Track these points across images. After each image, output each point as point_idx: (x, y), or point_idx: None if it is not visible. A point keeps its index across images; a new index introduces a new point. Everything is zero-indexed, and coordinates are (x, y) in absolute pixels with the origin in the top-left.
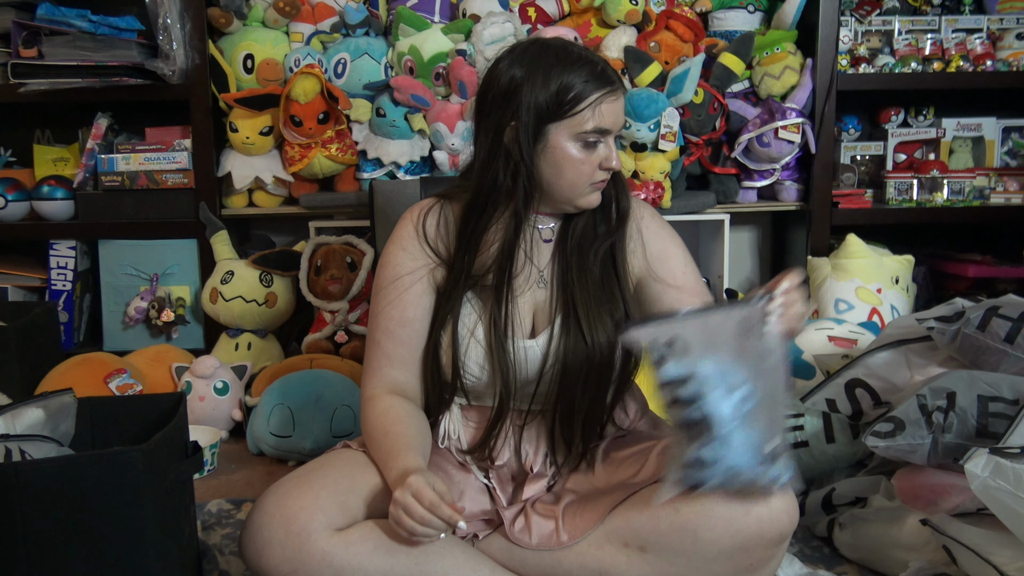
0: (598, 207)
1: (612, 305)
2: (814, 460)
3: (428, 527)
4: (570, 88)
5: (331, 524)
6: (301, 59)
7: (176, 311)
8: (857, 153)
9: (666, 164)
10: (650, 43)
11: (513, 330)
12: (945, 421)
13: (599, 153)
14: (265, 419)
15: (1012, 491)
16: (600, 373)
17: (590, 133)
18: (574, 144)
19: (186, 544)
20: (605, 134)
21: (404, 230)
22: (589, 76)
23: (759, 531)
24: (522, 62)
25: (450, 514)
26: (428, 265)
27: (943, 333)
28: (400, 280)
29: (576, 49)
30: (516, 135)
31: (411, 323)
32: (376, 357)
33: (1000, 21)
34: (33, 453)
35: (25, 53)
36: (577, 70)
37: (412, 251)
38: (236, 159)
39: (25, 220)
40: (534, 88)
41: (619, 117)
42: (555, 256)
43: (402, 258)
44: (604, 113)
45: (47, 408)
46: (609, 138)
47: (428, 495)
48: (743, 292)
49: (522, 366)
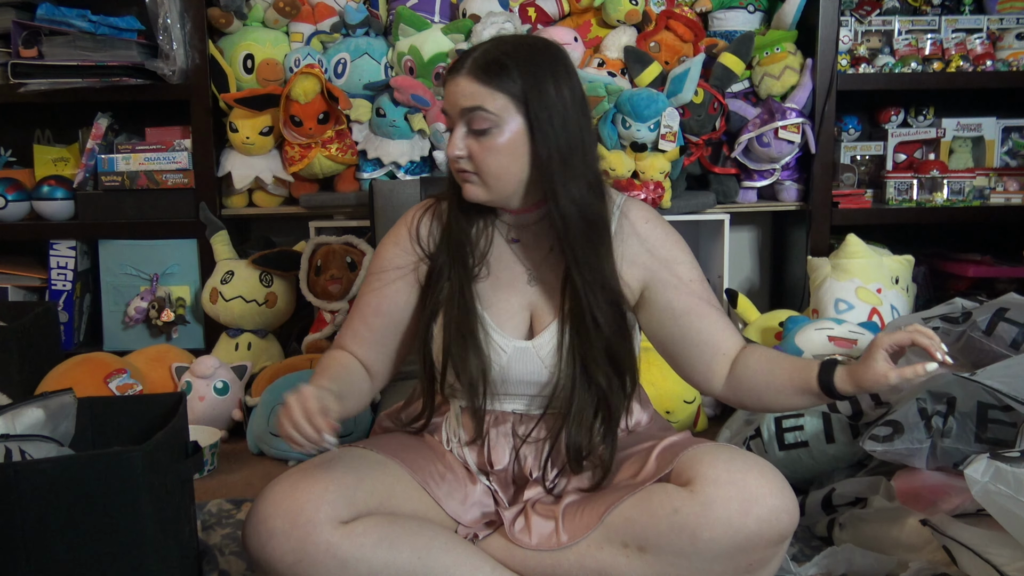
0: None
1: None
2: (814, 460)
3: (298, 432)
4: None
5: (337, 517)
6: (301, 59)
7: (176, 311)
8: (857, 153)
9: (666, 164)
10: (650, 43)
11: (486, 327)
12: (944, 425)
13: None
14: (265, 419)
15: (1012, 495)
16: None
17: (444, 113)
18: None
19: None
20: (448, 117)
21: (400, 227)
22: (458, 58)
23: (759, 531)
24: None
25: (320, 426)
26: (415, 263)
27: (948, 334)
28: (386, 273)
29: (495, 39)
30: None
31: (385, 315)
32: (347, 333)
33: (1000, 21)
34: (33, 453)
35: (25, 53)
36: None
37: (403, 247)
38: (236, 159)
39: (25, 220)
40: None
41: (451, 102)
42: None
43: (393, 252)
44: (444, 95)
45: (47, 408)
46: (456, 125)
47: (311, 404)
48: (743, 292)
49: (514, 367)
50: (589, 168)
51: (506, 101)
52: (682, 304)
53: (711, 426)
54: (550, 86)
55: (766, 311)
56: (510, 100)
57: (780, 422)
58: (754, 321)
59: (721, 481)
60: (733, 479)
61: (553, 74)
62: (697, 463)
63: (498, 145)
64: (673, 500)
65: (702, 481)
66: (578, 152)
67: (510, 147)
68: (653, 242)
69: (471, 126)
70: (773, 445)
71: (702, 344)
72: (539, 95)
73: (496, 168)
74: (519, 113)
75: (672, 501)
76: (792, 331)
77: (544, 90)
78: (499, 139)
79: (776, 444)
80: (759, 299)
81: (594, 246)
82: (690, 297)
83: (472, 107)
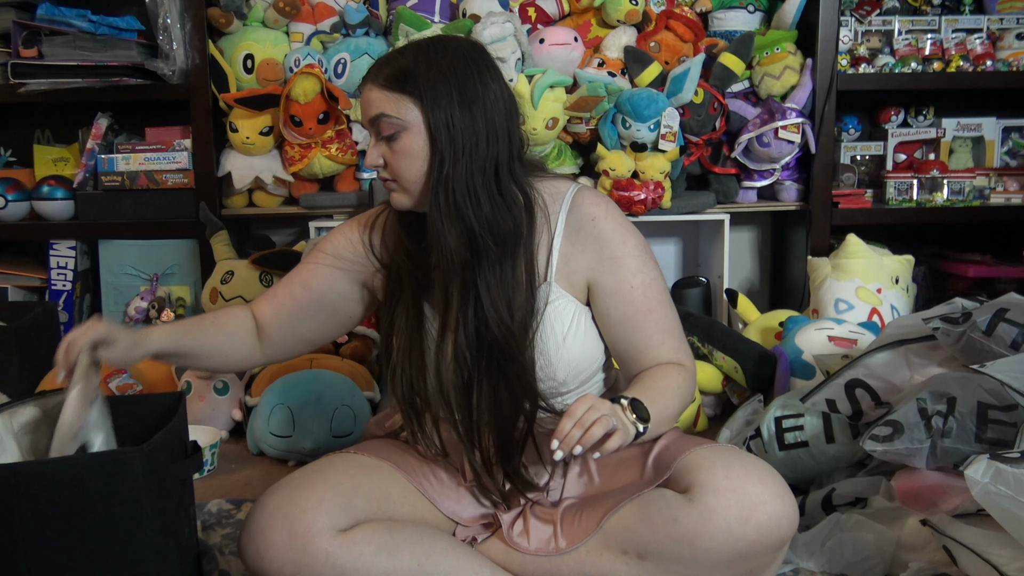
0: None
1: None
2: (814, 460)
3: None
4: None
5: (335, 525)
6: (301, 59)
7: (176, 311)
8: (857, 153)
9: (666, 164)
10: (650, 43)
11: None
12: (944, 426)
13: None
14: (265, 419)
15: (1013, 496)
16: (509, 377)
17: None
18: None
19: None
20: (365, 128)
21: (354, 229)
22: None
23: (758, 539)
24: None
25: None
26: (366, 269)
27: (948, 334)
28: (331, 258)
29: (401, 46)
30: None
31: (313, 291)
32: (265, 294)
33: (1000, 21)
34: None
35: (25, 53)
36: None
37: (355, 249)
38: (236, 159)
39: (25, 220)
40: None
41: (363, 112)
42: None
43: (344, 246)
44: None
45: (44, 407)
46: (371, 134)
47: (73, 335)
48: (743, 292)
49: (441, 370)
50: (491, 172)
51: (407, 104)
52: (618, 314)
53: (711, 426)
54: (449, 84)
55: (766, 311)
56: (411, 102)
57: (780, 422)
58: (754, 321)
59: (720, 489)
60: (732, 487)
61: (455, 72)
62: (696, 469)
63: (404, 149)
64: (672, 508)
65: (701, 489)
66: (477, 152)
67: (416, 150)
68: (602, 239)
69: (381, 133)
70: (773, 445)
71: (630, 353)
72: (435, 94)
73: (407, 172)
74: (420, 114)
75: (671, 510)
76: (792, 331)
77: (441, 89)
78: (405, 142)
79: (776, 444)
80: (759, 299)
81: (474, 263)
82: (627, 307)
83: (378, 115)
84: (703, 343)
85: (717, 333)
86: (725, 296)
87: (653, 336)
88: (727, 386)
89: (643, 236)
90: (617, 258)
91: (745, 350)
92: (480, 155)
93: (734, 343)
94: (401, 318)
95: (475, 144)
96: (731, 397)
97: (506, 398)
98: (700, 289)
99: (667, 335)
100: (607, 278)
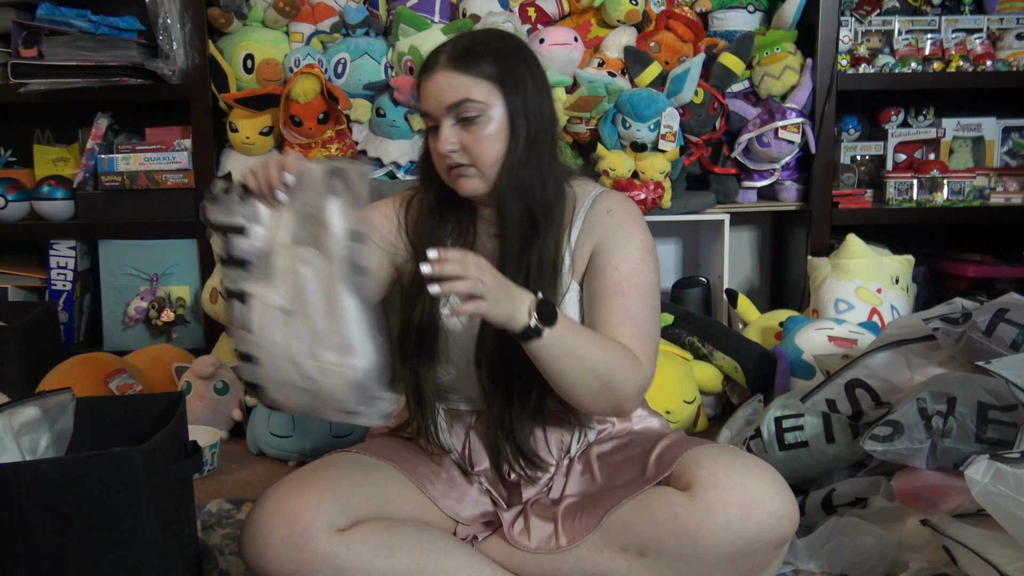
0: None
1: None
2: (814, 460)
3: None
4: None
5: (333, 525)
6: (301, 59)
7: (176, 311)
8: (857, 153)
9: (666, 164)
10: (650, 43)
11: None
12: (944, 426)
13: (438, 137)
14: (265, 419)
15: (1013, 496)
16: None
17: (424, 115)
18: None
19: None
20: (428, 118)
21: (389, 207)
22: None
23: (759, 536)
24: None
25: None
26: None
27: (948, 334)
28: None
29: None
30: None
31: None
32: None
33: (1000, 21)
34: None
35: (25, 53)
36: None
37: (391, 227)
38: (236, 159)
39: (25, 220)
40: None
41: (433, 100)
42: (497, 245)
43: (381, 223)
44: (422, 96)
45: (44, 406)
46: (442, 121)
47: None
48: (743, 292)
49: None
50: (552, 156)
51: (488, 87)
52: (592, 288)
53: (711, 426)
54: (522, 70)
55: (766, 311)
56: (493, 86)
57: (780, 422)
58: (754, 321)
59: (721, 486)
60: (733, 483)
61: (524, 59)
62: (697, 466)
63: (486, 132)
64: (673, 505)
65: (702, 486)
66: (546, 138)
67: (496, 132)
68: (611, 228)
69: (459, 117)
70: (773, 445)
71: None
72: (513, 78)
73: (488, 155)
74: (501, 97)
75: (672, 506)
76: (792, 331)
77: (517, 73)
78: (489, 126)
79: (776, 444)
80: (759, 299)
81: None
82: (602, 283)
83: (461, 99)
84: (703, 343)
85: (717, 333)
86: (725, 296)
87: (614, 315)
88: (727, 386)
89: (653, 240)
90: (618, 245)
91: (745, 350)
92: (547, 138)
93: (734, 343)
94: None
95: (545, 127)
96: (731, 397)
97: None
98: (700, 289)
99: (629, 320)
100: (600, 259)
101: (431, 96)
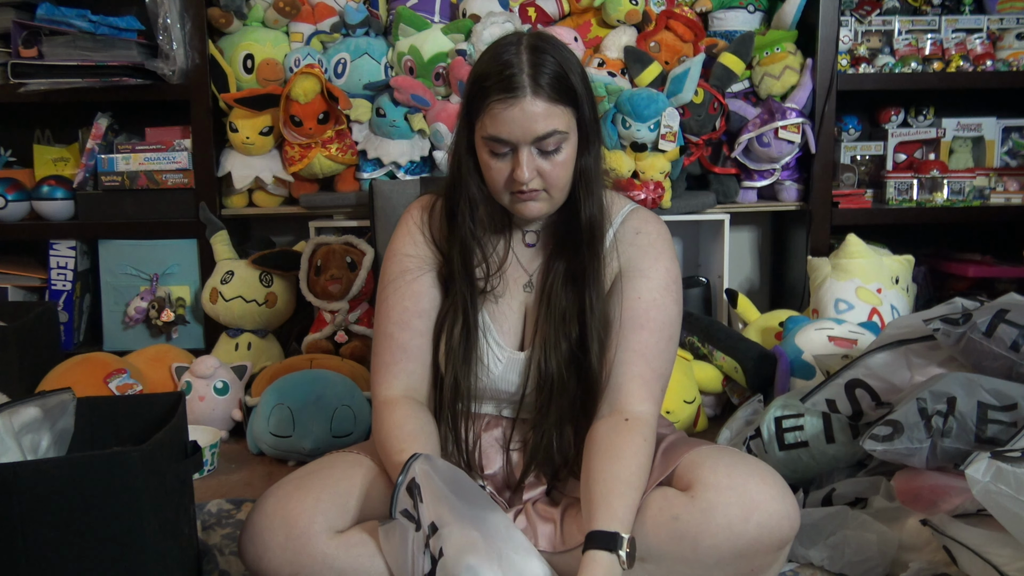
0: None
1: (568, 327)
2: (814, 460)
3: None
4: (476, 84)
5: (332, 526)
6: (301, 59)
7: (176, 311)
8: (857, 153)
9: (666, 164)
10: (650, 43)
11: (488, 336)
12: (944, 425)
13: (509, 163)
14: (265, 419)
15: (1013, 495)
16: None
17: (488, 140)
18: (484, 147)
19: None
20: (501, 143)
21: (409, 223)
22: (496, 78)
23: (759, 537)
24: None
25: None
26: (433, 259)
27: (948, 335)
28: (410, 272)
29: (517, 47)
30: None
31: (425, 313)
32: (389, 351)
33: (1000, 21)
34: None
35: (25, 53)
36: (492, 67)
37: (419, 243)
38: (236, 159)
39: (25, 220)
40: (469, 78)
41: (518, 130)
42: (542, 261)
43: (411, 249)
44: (498, 121)
45: (44, 406)
46: (521, 150)
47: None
48: (743, 292)
49: (505, 376)
50: (599, 168)
51: (568, 113)
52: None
53: (711, 426)
54: (590, 90)
55: (766, 311)
56: (571, 111)
57: (780, 422)
58: (754, 321)
59: (722, 487)
60: (734, 484)
61: (586, 76)
62: (697, 468)
63: (566, 159)
64: (673, 507)
65: (702, 487)
66: (599, 148)
67: (571, 156)
68: (638, 249)
69: (544, 147)
70: (773, 445)
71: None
72: (588, 102)
73: (564, 180)
74: (576, 122)
75: (672, 508)
76: (792, 331)
77: (584, 93)
78: (567, 153)
79: (776, 444)
80: (759, 299)
81: (594, 254)
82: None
83: (549, 132)
84: (703, 343)
85: (717, 333)
86: (725, 296)
87: (628, 352)
88: (727, 386)
89: (679, 270)
90: (642, 271)
91: (745, 350)
92: (599, 150)
93: (734, 343)
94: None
95: (599, 140)
96: (731, 397)
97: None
98: (700, 289)
99: (641, 359)
100: (623, 282)
101: (515, 124)
